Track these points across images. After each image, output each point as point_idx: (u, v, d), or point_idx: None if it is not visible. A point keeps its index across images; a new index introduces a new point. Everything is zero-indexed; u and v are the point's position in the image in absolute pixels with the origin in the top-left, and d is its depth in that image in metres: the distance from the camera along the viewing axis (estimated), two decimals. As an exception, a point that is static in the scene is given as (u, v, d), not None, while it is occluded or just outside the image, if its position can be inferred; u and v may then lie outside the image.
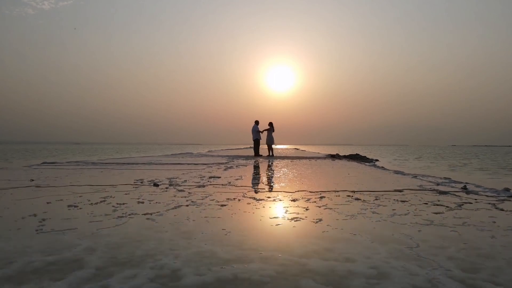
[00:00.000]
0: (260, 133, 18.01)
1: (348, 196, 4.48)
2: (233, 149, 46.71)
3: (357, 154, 18.19)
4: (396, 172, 8.67)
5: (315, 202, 4.00)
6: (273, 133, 18.13)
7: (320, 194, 4.62)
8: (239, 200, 4.15)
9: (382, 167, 11.17)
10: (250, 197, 4.35)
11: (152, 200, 4.06)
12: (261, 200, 4.16)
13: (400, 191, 4.98)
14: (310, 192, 4.85)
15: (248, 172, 8.26)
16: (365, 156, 17.41)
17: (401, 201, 4.13)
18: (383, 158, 21.52)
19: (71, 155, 23.55)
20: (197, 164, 11.10)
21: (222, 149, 43.39)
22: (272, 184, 5.96)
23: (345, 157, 17.82)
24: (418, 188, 5.38)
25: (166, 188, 5.21)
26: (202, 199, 4.18)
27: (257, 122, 18.24)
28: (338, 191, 4.89)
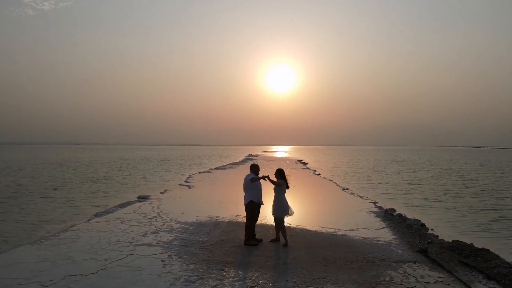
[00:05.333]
0: (260, 180, 8.31)
1: None
2: (226, 167, 36.85)
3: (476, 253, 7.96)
4: None
5: None
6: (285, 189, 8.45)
7: None
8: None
9: None
10: None
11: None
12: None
13: None
14: None
15: None
16: (488, 250, 7.50)
17: None
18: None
19: None
20: None
21: (210, 170, 33.51)
22: None
23: (446, 250, 7.87)
24: None
25: None
26: None
27: (254, 168, 8.55)
28: None
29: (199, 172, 30.04)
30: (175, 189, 18.96)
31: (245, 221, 8.33)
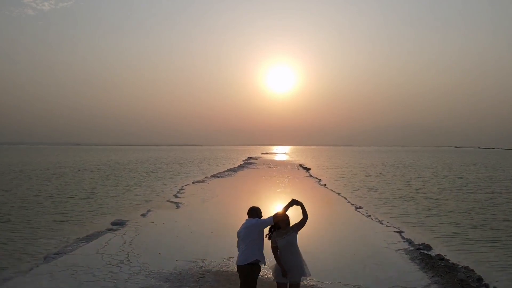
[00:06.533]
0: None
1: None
2: (223, 174, 34.20)
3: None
4: None
5: None
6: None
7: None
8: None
9: None
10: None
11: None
12: None
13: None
14: None
15: None
16: None
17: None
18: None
19: None
20: None
21: (205, 179, 30.86)
22: None
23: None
24: None
25: None
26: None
27: (255, 213, 5.94)
28: None
29: (193, 182, 27.41)
30: (161, 208, 16.36)
31: (239, 282, 5.70)
